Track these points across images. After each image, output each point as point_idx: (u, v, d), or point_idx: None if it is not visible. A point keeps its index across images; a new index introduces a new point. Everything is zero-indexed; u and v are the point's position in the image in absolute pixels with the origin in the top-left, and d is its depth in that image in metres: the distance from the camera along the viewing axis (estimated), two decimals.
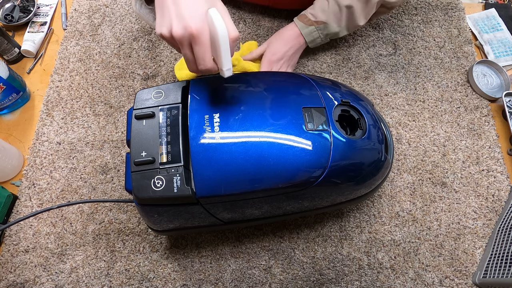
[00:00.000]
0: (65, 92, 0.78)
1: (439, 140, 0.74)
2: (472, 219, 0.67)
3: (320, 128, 0.49)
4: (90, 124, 0.74)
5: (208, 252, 0.63)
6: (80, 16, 0.87)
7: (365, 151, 0.51)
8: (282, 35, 0.74)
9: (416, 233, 0.66)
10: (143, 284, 0.61)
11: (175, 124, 0.48)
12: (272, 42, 0.74)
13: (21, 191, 0.68)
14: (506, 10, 0.90)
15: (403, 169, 0.71)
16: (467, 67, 0.82)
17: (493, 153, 0.73)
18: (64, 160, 0.71)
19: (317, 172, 0.47)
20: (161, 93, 0.51)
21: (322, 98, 0.51)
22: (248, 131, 0.47)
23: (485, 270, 0.61)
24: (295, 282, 0.62)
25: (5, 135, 0.74)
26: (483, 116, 0.76)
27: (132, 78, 0.79)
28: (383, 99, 0.78)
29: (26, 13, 0.86)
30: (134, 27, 0.85)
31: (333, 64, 0.81)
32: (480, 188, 0.70)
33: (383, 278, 0.62)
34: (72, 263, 0.62)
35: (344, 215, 0.67)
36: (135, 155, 0.47)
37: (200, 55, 0.43)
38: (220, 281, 0.61)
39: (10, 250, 0.63)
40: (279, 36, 0.74)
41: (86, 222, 0.65)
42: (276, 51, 0.72)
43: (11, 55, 0.80)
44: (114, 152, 0.71)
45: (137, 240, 0.64)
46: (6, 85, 0.71)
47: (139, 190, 0.45)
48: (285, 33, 0.74)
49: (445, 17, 0.89)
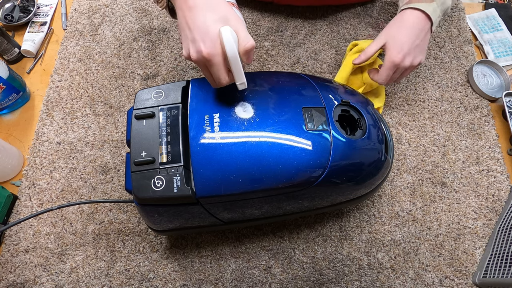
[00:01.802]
0: (65, 92, 0.78)
1: (439, 140, 0.74)
2: (472, 219, 0.67)
3: (320, 128, 0.49)
4: (90, 124, 0.74)
5: (208, 252, 0.63)
6: (80, 16, 0.87)
7: (365, 151, 0.51)
8: (404, 23, 0.60)
9: (416, 233, 0.66)
10: (143, 284, 0.61)
11: (175, 124, 0.48)
12: (393, 35, 0.60)
13: (21, 191, 0.68)
14: (506, 10, 0.90)
15: (403, 169, 0.71)
16: (467, 67, 0.82)
17: (493, 153, 0.73)
18: (64, 160, 0.71)
19: (317, 172, 0.47)
20: (161, 93, 0.51)
21: (322, 98, 0.52)
22: (248, 131, 0.47)
23: (485, 270, 0.61)
24: (295, 282, 0.62)
25: (5, 135, 0.74)
26: (483, 116, 0.76)
27: (132, 78, 0.79)
28: None
29: (26, 13, 0.86)
30: (134, 27, 0.85)
31: (333, 64, 0.81)
32: (480, 188, 0.70)
33: (383, 278, 0.62)
34: (72, 263, 0.62)
35: (344, 215, 0.67)
36: (135, 155, 0.47)
37: (215, 75, 0.46)
38: (220, 281, 0.61)
39: (10, 250, 0.63)
40: (400, 24, 0.61)
41: (86, 222, 0.65)
42: (402, 45, 0.59)
43: (11, 55, 0.80)
44: (114, 152, 0.71)
45: (137, 240, 0.64)
46: (6, 85, 0.71)
47: (139, 190, 0.45)
48: (406, 20, 0.60)
49: (445, 17, 0.89)
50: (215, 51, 0.43)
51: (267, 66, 0.81)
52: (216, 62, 0.44)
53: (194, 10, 0.44)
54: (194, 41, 0.44)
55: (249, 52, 0.45)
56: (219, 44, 0.43)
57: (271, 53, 0.82)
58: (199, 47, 0.43)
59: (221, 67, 0.45)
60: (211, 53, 0.43)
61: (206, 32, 0.43)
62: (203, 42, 0.43)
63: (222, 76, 0.46)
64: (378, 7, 0.89)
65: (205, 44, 0.43)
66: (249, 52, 0.45)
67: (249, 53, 0.45)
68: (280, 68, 0.81)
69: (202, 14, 0.44)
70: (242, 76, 0.46)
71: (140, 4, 0.89)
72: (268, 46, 0.83)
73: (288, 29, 0.86)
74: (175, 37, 0.84)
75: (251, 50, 0.44)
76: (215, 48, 0.43)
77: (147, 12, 0.88)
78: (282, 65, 0.81)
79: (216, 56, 0.44)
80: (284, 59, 0.82)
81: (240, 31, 0.44)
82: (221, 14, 0.44)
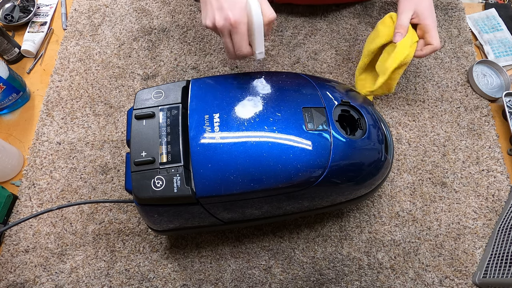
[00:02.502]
0: (65, 92, 0.78)
1: (439, 140, 0.74)
2: (472, 219, 0.67)
3: (320, 128, 0.49)
4: (90, 124, 0.74)
5: (208, 252, 0.63)
6: (80, 16, 0.87)
7: (365, 151, 0.51)
8: None
9: (416, 233, 0.66)
10: (143, 284, 0.61)
11: (175, 124, 0.48)
12: (416, 2, 0.62)
13: (21, 191, 0.68)
14: (506, 10, 0.90)
15: (403, 169, 0.71)
16: (467, 67, 0.82)
17: (493, 153, 0.73)
18: (64, 160, 0.71)
19: (317, 172, 0.47)
20: (161, 93, 0.51)
21: (322, 98, 0.52)
22: (248, 131, 0.47)
23: (485, 270, 0.61)
24: (295, 282, 0.62)
25: (5, 135, 0.74)
26: (483, 116, 0.76)
27: (132, 78, 0.79)
28: (383, 99, 0.78)
29: (26, 13, 0.86)
30: (134, 27, 0.85)
31: (333, 64, 0.81)
32: (480, 188, 0.70)
33: (383, 278, 0.62)
34: (72, 263, 0.62)
35: (344, 215, 0.67)
36: (135, 155, 0.47)
37: (237, 43, 0.49)
38: (220, 281, 0.61)
39: (10, 250, 0.63)
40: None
41: (86, 222, 0.65)
42: (430, 8, 0.62)
43: (11, 55, 0.80)
44: (114, 152, 0.71)
45: (137, 240, 0.64)
46: (6, 85, 0.71)
47: (139, 190, 0.45)
48: None
49: (445, 17, 0.89)
50: (242, 19, 0.47)
51: (267, 66, 0.81)
52: (241, 31, 0.48)
53: None
54: (221, 9, 0.47)
55: (271, 23, 0.49)
56: (245, 13, 0.47)
57: (271, 53, 0.82)
58: (227, 15, 0.47)
59: (244, 36, 0.49)
60: (238, 21, 0.47)
61: (235, 1, 0.47)
62: (231, 10, 0.47)
63: (244, 45, 0.49)
64: (378, 7, 0.89)
65: (233, 12, 0.47)
66: (271, 23, 0.49)
67: (271, 24, 0.50)
68: (280, 68, 0.81)
69: None
70: (263, 46, 0.49)
71: (140, 4, 0.89)
72: (268, 46, 0.83)
73: (288, 29, 0.86)
74: (175, 37, 0.84)
75: (273, 21, 0.49)
76: (243, 16, 0.47)
77: (147, 12, 0.88)
78: (282, 65, 0.81)
79: (242, 24, 0.47)
80: (284, 59, 0.82)
81: (263, 3, 0.48)
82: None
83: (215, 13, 0.48)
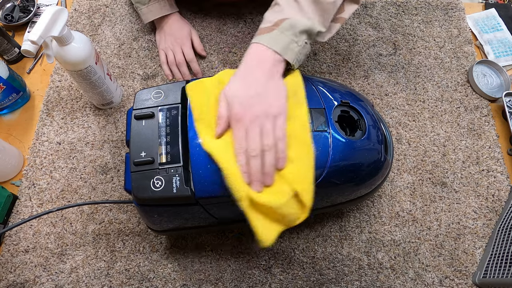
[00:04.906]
0: (65, 92, 0.78)
1: (439, 140, 0.74)
2: (472, 219, 0.67)
3: (320, 129, 0.48)
4: (90, 124, 0.74)
5: (208, 252, 0.63)
6: (80, 16, 0.87)
7: (364, 151, 0.51)
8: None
9: (416, 233, 0.66)
10: (143, 284, 0.61)
11: (175, 125, 0.48)
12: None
13: (21, 191, 0.68)
14: (506, 10, 0.90)
15: (403, 169, 0.71)
16: (467, 67, 0.82)
17: (493, 153, 0.73)
18: (64, 160, 0.71)
19: (316, 173, 0.47)
20: (161, 93, 0.51)
21: (321, 99, 0.51)
22: None
23: (485, 270, 0.61)
24: (295, 282, 0.62)
25: (5, 135, 0.74)
26: (483, 116, 0.76)
27: (132, 78, 0.79)
28: (383, 99, 0.78)
29: (26, 13, 0.86)
30: (134, 27, 0.85)
31: (333, 64, 0.81)
32: (480, 188, 0.69)
33: (383, 278, 0.62)
34: (72, 263, 0.62)
35: (344, 215, 0.67)
36: (135, 155, 0.47)
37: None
38: (220, 281, 0.61)
39: (10, 250, 0.63)
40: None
41: (86, 222, 0.65)
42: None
43: (11, 55, 0.80)
44: (114, 152, 0.71)
45: (137, 240, 0.64)
46: (6, 85, 0.71)
47: (138, 190, 0.45)
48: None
49: (445, 17, 0.89)
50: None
51: None
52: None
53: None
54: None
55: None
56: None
57: None
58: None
59: None
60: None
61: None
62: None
63: None
64: (378, 7, 0.89)
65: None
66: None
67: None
68: None
69: None
70: None
71: None
72: None
73: None
74: None
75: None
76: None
77: None
78: None
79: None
80: None
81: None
82: None
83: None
